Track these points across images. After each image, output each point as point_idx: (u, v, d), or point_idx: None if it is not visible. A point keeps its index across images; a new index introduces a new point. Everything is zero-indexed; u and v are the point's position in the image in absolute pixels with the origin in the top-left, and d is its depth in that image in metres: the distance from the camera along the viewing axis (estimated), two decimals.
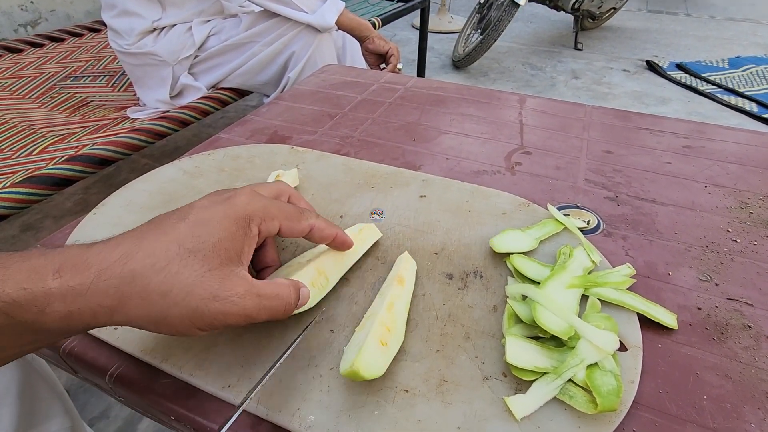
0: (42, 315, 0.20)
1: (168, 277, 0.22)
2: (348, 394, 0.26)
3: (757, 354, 0.30)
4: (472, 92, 0.67)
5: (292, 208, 0.28)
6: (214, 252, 0.23)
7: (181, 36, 0.97)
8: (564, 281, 0.32)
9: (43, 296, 0.20)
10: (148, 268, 0.21)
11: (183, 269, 0.22)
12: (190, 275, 0.22)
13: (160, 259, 0.22)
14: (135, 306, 0.21)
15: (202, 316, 0.22)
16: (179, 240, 0.23)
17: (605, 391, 0.25)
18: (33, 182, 0.72)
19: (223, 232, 0.24)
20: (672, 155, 0.52)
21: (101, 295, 0.21)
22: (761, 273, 0.36)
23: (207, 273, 0.22)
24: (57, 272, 0.20)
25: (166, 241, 0.22)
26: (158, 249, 0.22)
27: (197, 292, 0.22)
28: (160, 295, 0.21)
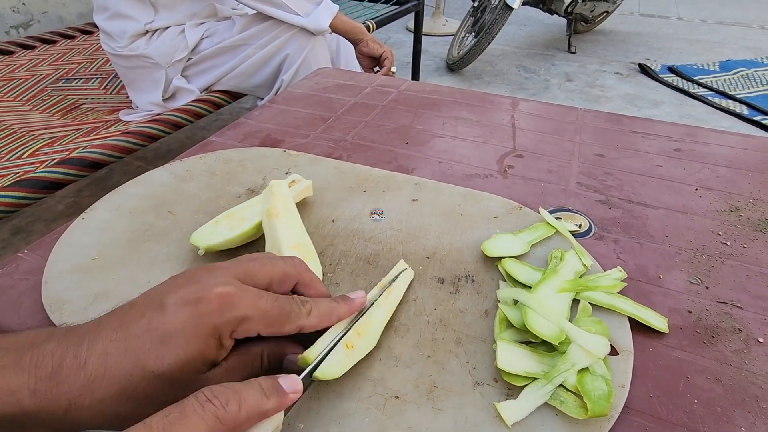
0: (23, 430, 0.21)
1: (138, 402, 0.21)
2: (338, 402, 0.26)
3: (747, 357, 0.30)
4: (465, 95, 0.67)
5: (276, 312, 0.24)
6: (181, 373, 0.22)
7: (173, 38, 0.96)
8: (555, 285, 0.32)
9: (22, 416, 0.20)
10: (115, 395, 0.21)
11: (150, 393, 0.21)
12: (158, 398, 0.21)
13: (126, 386, 0.21)
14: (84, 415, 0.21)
15: None
16: (143, 362, 0.21)
17: (596, 396, 0.25)
18: (23, 186, 0.71)
19: (190, 352, 0.22)
20: (663, 158, 0.52)
21: (75, 422, 0.21)
22: (751, 276, 0.36)
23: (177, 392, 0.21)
24: (33, 394, 0.20)
25: (129, 362, 0.21)
26: (122, 374, 0.21)
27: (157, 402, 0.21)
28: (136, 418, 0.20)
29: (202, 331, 0.22)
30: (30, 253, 0.38)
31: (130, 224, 0.40)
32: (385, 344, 0.30)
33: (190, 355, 0.22)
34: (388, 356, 0.29)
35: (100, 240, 0.38)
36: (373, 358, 0.29)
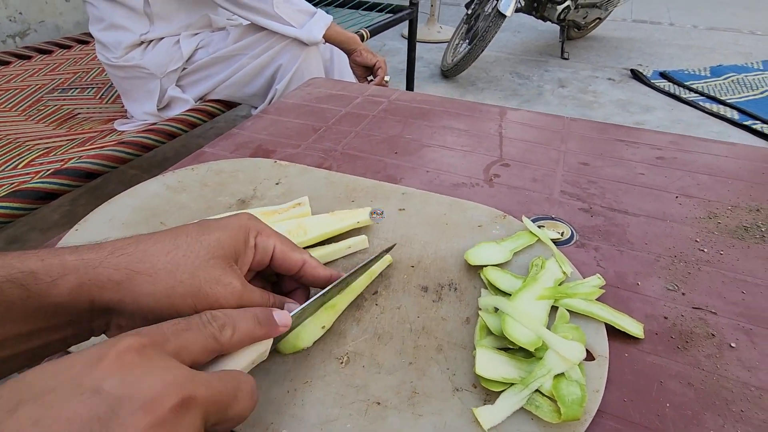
0: (53, 286, 0.21)
1: (175, 258, 0.24)
2: (321, 408, 0.27)
3: (719, 362, 0.31)
4: (455, 105, 0.69)
5: (288, 240, 0.30)
6: (218, 245, 0.25)
7: (168, 49, 0.98)
8: (535, 293, 0.33)
9: (58, 266, 0.22)
10: (158, 249, 0.24)
11: (190, 254, 0.24)
12: (196, 259, 0.24)
13: (169, 245, 0.24)
14: (142, 282, 0.23)
15: (205, 296, 0.24)
16: (188, 231, 0.25)
17: (569, 400, 0.26)
18: (18, 196, 0.71)
19: (227, 232, 0.26)
20: (646, 166, 0.53)
21: (112, 268, 0.23)
22: (726, 282, 0.37)
23: (211, 260, 0.25)
24: (75, 251, 0.23)
25: (175, 232, 0.25)
26: (168, 237, 0.25)
27: (201, 274, 0.24)
28: (167, 273, 0.23)
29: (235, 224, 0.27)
30: None
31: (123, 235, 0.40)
32: (368, 351, 0.30)
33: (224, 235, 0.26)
34: (371, 363, 0.30)
35: None
36: (357, 365, 0.30)
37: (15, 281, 0.21)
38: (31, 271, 0.21)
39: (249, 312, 0.24)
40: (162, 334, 0.20)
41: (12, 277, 0.21)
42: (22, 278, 0.21)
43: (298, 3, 0.95)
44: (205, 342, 0.21)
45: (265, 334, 0.24)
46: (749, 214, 0.45)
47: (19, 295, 0.21)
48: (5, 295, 0.21)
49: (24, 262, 0.21)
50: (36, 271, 0.21)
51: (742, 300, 0.36)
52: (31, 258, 0.22)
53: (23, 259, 0.22)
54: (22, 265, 0.21)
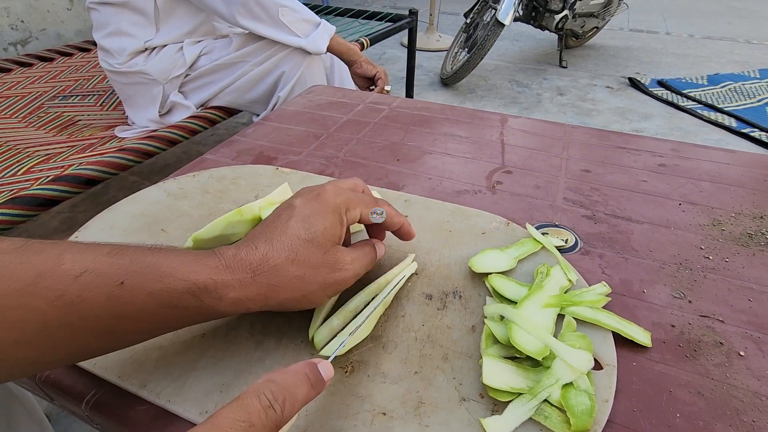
0: (219, 300, 0.26)
1: (300, 265, 0.28)
2: (325, 419, 0.27)
3: (728, 371, 0.31)
4: (456, 112, 0.69)
5: (368, 198, 0.33)
6: (324, 238, 0.29)
7: (172, 55, 0.98)
8: (540, 301, 0.33)
9: (222, 285, 0.26)
10: (284, 261, 0.28)
11: (308, 256, 0.29)
12: (313, 258, 0.29)
13: (290, 252, 0.28)
14: (282, 291, 0.28)
15: (331, 284, 0.29)
16: (297, 234, 0.29)
17: (579, 411, 0.26)
18: (17, 203, 0.71)
19: (326, 222, 0.30)
20: (648, 173, 0.53)
21: (259, 286, 0.27)
22: (732, 289, 0.37)
23: (324, 255, 0.29)
24: (228, 268, 0.27)
25: (288, 238, 0.29)
26: (286, 245, 0.28)
27: (322, 269, 0.29)
28: (298, 279, 0.28)
29: (328, 209, 0.30)
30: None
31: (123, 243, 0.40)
32: (373, 361, 0.30)
33: (325, 225, 0.30)
34: (375, 372, 0.29)
35: None
36: (361, 374, 0.29)
37: (192, 294, 0.26)
38: (205, 287, 0.26)
39: (300, 376, 0.24)
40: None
41: (191, 290, 0.26)
42: (198, 292, 0.26)
43: (303, 12, 0.95)
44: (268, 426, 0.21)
45: (317, 393, 0.24)
46: (753, 221, 0.45)
47: (194, 305, 0.26)
48: (184, 302, 0.26)
49: (197, 275, 0.26)
50: (208, 287, 0.26)
51: (749, 308, 0.35)
52: (201, 272, 0.26)
53: (196, 271, 0.26)
54: (197, 279, 0.26)
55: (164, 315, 0.26)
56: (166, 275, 0.25)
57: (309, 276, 0.28)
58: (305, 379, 0.23)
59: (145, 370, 0.29)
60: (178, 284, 0.25)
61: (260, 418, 0.21)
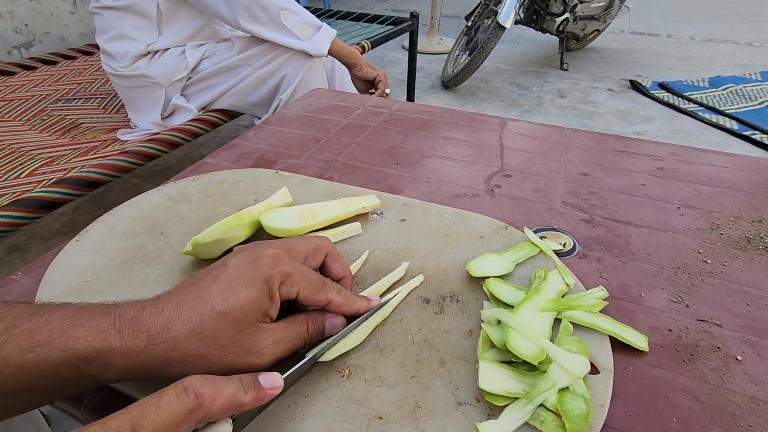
0: (104, 369, 0.24)
1: (205, 341, 0.25)
2: (322, 423, 0.27)
3: (725, 375, 0.31)
4: (456, 116, 0.69)
5: (314, 279, 0.29)
6: (243, 313, 0.26)
7: (174, 59, 0.99)
8: (537, 305, 0.33)
9: (107, 353, 0.23)
10: (187, 333, 0.24)
11: (217, 331, 0.25)
12: (224, 336, 0.25)
13: (196, 324, 0.25)
14: (178, 367, 0.25)
15: (239, 368, 0.25)
16: (212, 303, 0.25)
17: (574, 415, 0.26)
18: (19, 205, 0.72)
19: (250, 295, 0.26)
20: (647, 177, 0.53)
21: (152, 357, 0.24)
22: (730, 294, 0.37)
23: (238, 333, 0.25)
24: (118, 333, 0.24)
25: (201, 306, 0.25)
26: (194, 314, 0.25)
27: (231, 350, 0.25)
28: (200, 357, 0.25)
29: (258, 279, 0.27)
30: (23, 275, 0.39)
31: (124, 246, 0.40)
32: (369, 364, 0.30)
33: (248, 297, 0.26)
34: (372, 377, 0.29)
35: (93, 262, 0.39)
36: (358, 378, 0.29)
37: (71, 364, 0.23)
38: (84, 357, 0.23)
39: (234, 378, 0.23)
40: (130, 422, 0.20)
41: (68, 360, 0.23)
42: (76, 361, 0.23)
43: (305, 15, 0.96)
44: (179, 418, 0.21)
45: (251, 400, 0.23)
46: (752, 225, 0.45)
47: (73, 375, 0.23)
48: (61, 373, 0.23)
49: (77, 341, 0.23)
50: (88, 357, 0.23)
51: (747, 312, 0.35)
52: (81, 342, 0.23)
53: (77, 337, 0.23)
54: (76, 347, 0.23)
55: (40, 387, 0.23)
56: (39, 344, 0.23)
57: (213, 356, 0.25)
58: (237, 381, 0.23)
59: None
60: (53, 354, 0.22)
61: (169, 401, 0.21)
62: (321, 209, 0.42)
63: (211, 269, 0.28)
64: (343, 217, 0.42)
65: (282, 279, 0.27)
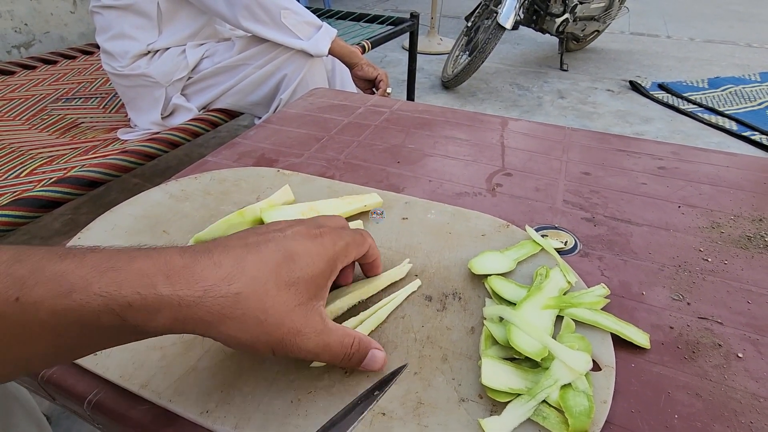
0: (151, 320, 0.21)
1: (266, 305, 0.23)
2: (325, 419, 0.27)
3: (726, 372, 0.31)
4: (457, 115, 0.69)
5: (358, 236, 0.31)
6: (306, 286, 0.25)
7: (174, 58, 0.99)
8: (539, 302, 0.33)
9: (155, 302, 0.21)
10: (251, 293, 0.23)
11: (279, 299, 0.24)
12: (284, 306, 0.24)
13: (260, 286, 0.23)
14: (231, 327, 0.23)
15: (285, 347, 0.24)
16: (278, 271, 0.24)
17: (577, 411, 0.26)
18: (19, 204, 0.71)
19: (316, 269, 0.26)
20: (647, 176, 0.54)
21: (205, 310, 0.22)
22: (731, 292, 0.37)
23: (297, 307, 0.25)
24: (167, 279, 0.22)
25: (267, 269, 0.24)
26: (260, 276, 0.24)
27: (286, 324, 0.24)
28: (256, 323, 0.23)
29: (327, 255, 0.27)
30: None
31: (126, 244, 0.40)
32: None
33: (315, 271, 0.26)
34: (375, 373, 0.29)
35: None
36: (361, 374, 0.29)
37: (113, 312, 0.20)
38: (129, 304, 0.21)
39: None
40: None
41: (110, 308, 0.20)
42: (120, 311, 0.21)
43: (305, 15, 0.96)
44: None
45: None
46: (752, 223, 0.45)
47: (116, 324, 0.21)
48: (102, 323, 0.20)
49: (120, 291, 0.20)
50: (133, 305, 0.21)
51: (747, 310, 0.35)
52: (124, 287, 0.21)
53: (119, 282, 0.21)
54: (119, 293, 0.20)
55: (75, 337, 0.20)
56: (74, 289, 0.20)
57: (269, 324, 0.23)
58: None
59: (146, 370, 0.30)
60: (92, 300, 0.20)
61: None
62: (323, 207, 0.42)
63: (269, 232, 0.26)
64: (345, 215, 0.42)
65: (345, 253, 0.28)
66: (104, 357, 0.30)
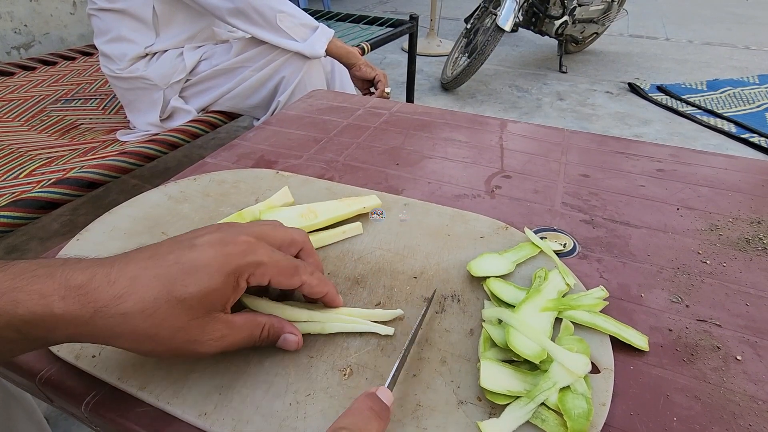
0: (50, 334, 0.23)
1: (155, 322, 0.24)
2: (324, 421, 0.27)
3: (725, 375, 0.31)
4: (456, 117, 0.69)
5: (286, 264, 0.28)
6: (200, 302, 0.25)
7: (172, 61, 0.99)
8: (538, 304, 0.33)
9: (51, 321, 0.22)
10: (138, 313, 0.23)
11: (169, 316, 0.24)
12: (176, 321, 0.24)
13: (149, 305, 0.23)
14: (125, 342, 0.24)
15: (183, 353, 0.25)
16: (169, 287, 0.24)
17: (576, 414, 0.26)
18: (18, 206, 0.71)
19: (212, 285, 0.25)
20: (646, 178, 0.54)
21: (98, 329, 0.23)
22: (729, 294, 0.37)
23: (191, 321, 0.24)
24: (62, 300, 0.23)
25: (157, 286, 0.24)
26: (149, 295, 0.24)
27: (180, 336, 0.25)
28: (148, 338, 0.24)
29: (226, 269, 0.25)
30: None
31: (124, 245, 0.40)
32: (371, 363, 0.30)
33: (211, 287, 0.25)
34: (374, 375, 0.29)
35: None
36: (360, 377, 0.29)
37: (14, 327, 0.22)
38: (25, 322, 0.22)
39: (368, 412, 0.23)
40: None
41: (10, 324, 0.22)
42: (20, 326, 0.22)
43: (301, 17, 0.96)
44: None
45: (386, 424, 0.24)
46: (751, 226, 0.46)
47: (18, 338, 0.23)
48: (5, 335, 0.22)
49: (16, 311, 0.22)
50: (30, 322, 0.22)
51: (746, 312, 0.36)
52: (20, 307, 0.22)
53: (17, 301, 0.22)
54: (17, 314, 0.22)
55: None
56: None
57: (161, 337, 0.24)
58: (372, 414, 0.23)
59: (144, 372, 0.29)
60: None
61: None
62: (322, 209, 0.42)
63: (174, 244, 0.26)
64: (345, 217, 0.42)
65: (252, 269, 0.26)
66: (103, 359, 0.30)
